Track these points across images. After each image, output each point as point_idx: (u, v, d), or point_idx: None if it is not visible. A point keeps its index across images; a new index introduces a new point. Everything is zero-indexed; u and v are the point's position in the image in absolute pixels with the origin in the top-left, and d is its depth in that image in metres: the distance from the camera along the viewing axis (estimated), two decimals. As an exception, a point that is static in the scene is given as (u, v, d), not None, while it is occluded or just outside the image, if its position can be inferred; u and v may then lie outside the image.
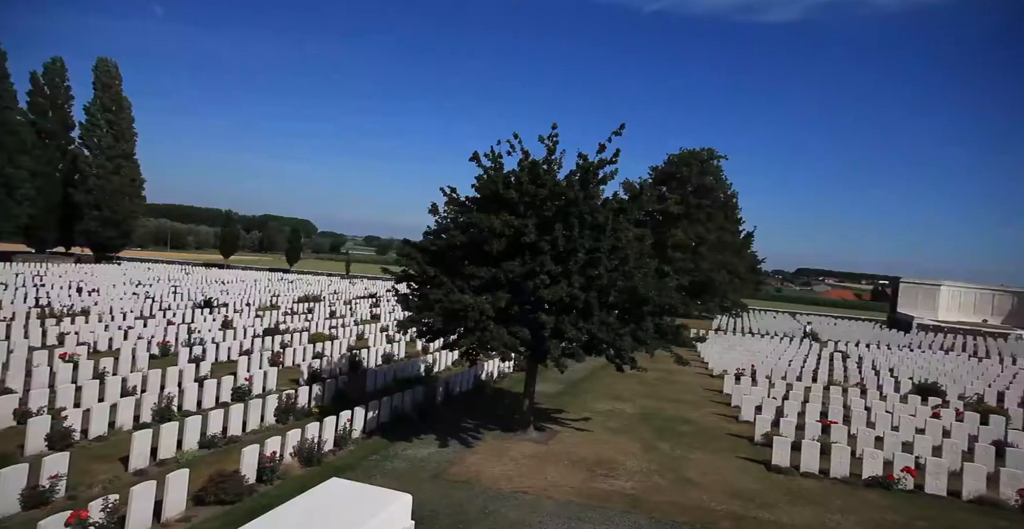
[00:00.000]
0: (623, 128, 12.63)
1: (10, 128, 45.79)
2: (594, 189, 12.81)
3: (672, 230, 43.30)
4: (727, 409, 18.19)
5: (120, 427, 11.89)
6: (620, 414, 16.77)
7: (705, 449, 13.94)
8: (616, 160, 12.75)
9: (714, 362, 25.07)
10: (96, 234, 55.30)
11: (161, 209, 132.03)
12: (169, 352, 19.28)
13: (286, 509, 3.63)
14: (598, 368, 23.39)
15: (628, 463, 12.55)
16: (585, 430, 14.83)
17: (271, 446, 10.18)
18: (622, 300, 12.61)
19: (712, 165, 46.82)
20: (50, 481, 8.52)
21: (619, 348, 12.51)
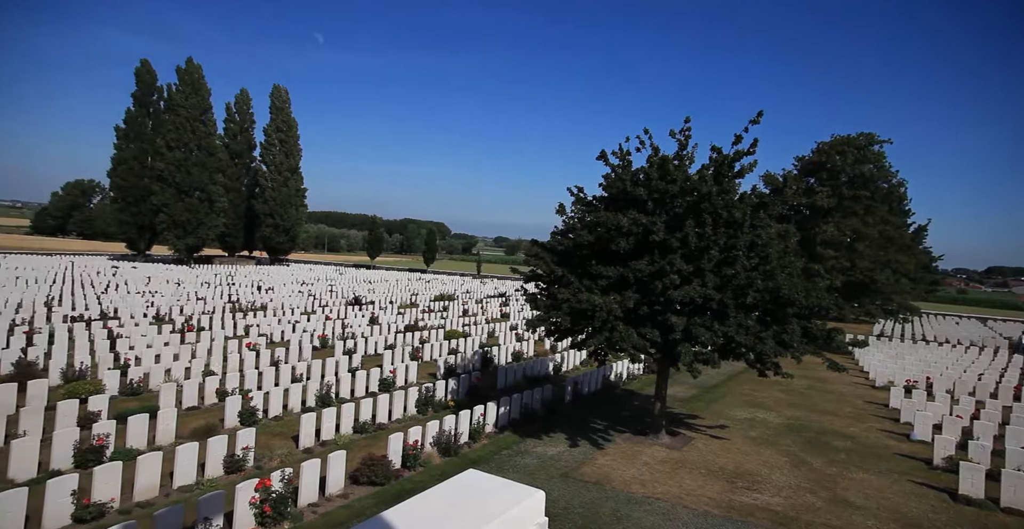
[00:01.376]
0: (761, 116, 11.70)
1: (211, 151, 54.77)
2: (729, 183, 12.03)
3: (822, 225, 39.07)
4: (894, 425, 16.02)
5: (291, 409, 13.60)
6: (763, 423, 15.55)
7: (867, 469, 12.41)
8: (754, 150, 11.85)
9: (876, 371, 22.21)
10: (270, 239, 63.93)
11: (319, 216, 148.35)
12: (327, 344, 21.61)
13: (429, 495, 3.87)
14: (736, 373, 21.91)
15: (774, 477, 11.59)
16: (722, 438, 13.98)
17: (413, 435, 10.98)
18: (763, 301, 11.68)
19: (872, 152, 41.36)
20: (242, 451, 10.02)
21: (760, 352, 11.61)
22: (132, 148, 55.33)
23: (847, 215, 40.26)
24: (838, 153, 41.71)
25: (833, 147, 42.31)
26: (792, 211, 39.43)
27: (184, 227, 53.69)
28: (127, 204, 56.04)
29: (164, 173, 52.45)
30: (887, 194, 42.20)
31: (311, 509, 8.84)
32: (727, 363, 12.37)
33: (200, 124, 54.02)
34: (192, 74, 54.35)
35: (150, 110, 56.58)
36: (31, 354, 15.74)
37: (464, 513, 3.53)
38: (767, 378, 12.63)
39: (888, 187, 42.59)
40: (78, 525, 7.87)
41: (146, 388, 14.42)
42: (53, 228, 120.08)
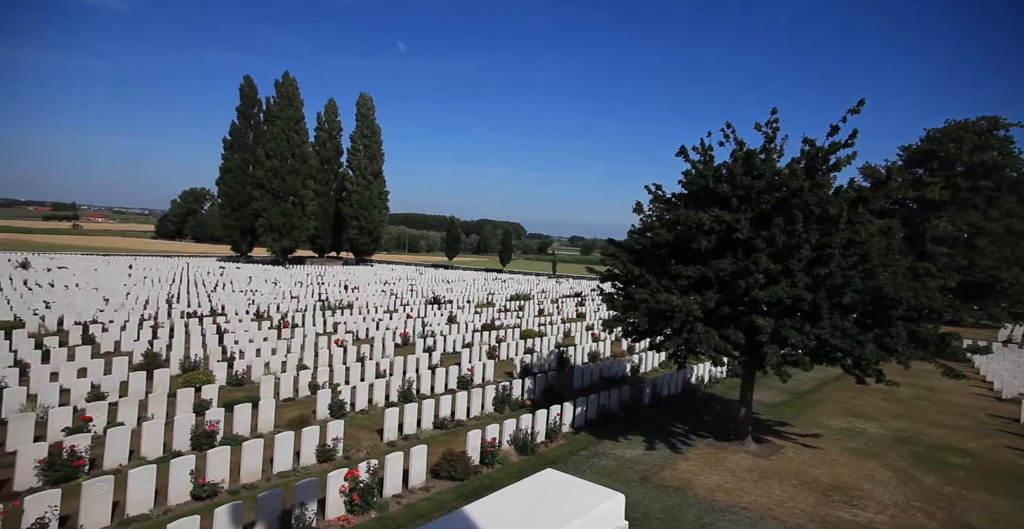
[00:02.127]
0: (862, 104, 10.83)
1: (304, 158, 58.71)
2: (823, 177, 11.25)
3: (933, 220, 35.45)
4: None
5: (376, 403, 14.27)
6: (863, 434, 14.40)
7: (993, 490, 11.16)
8: (853, 142, 11.00)
9: (1003, 381, 19.91)
10: (356, 240, 67.42)
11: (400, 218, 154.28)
12: (408, 342, 22.45)
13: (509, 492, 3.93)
14: (831, 378, 20.44)
15: (877, 493, 10.71)
16: (816, 448, 13.10)
17: (491, 433, 11.17)
18: (861, 302, 10.82)
19: (996, 137, 36.98)
20: (333, 442, 10.65)
21: (859, 357, 10.76)
22: (236, 158, 60.25)
23: (963, 208, 36.28)
24: (952, 140, 37.69)
25: (947, 134, 38.26)
26: (897, 205, 36.11)
27: (280, 230, 57.76)
28: (232, 209, 61.12)
29: (263, 180, 56.73)
30: (1016, 184, 37.60)
31: (395, 500, 9.24)
32: (820, 368, 11.57)
33: (294, 133, 57.93)
34: (288, 87, 58.41)
35: (251, 122, 61.35)
36: (156, 346, 17.57)
37: (544, 512, 3.55)
38: (867, 385, 11.69)
39: (1017, 176, 37.92)
40: (195, 502, 8.70)
41: (249, 379, 15.66)
42: (172, 232, 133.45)
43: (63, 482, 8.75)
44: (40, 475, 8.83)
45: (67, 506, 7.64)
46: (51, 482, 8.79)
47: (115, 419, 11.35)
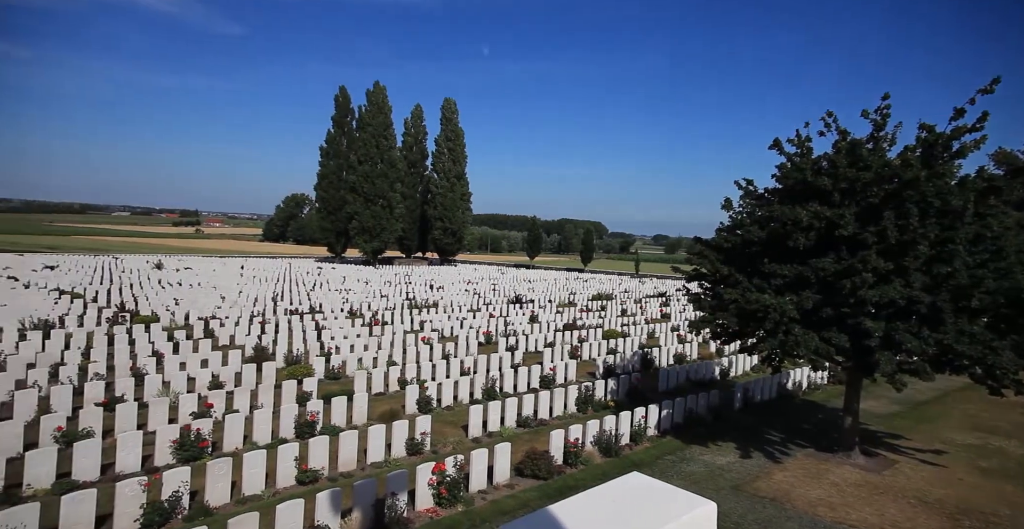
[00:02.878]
0: (996, 83, 9.67)
1: (392, 162, 61.63)
2: (945, 166, 10.15)
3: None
4: None
5: (460, 400, 14.67)
6: (998, 453, 12.84)
7: None
8: (982, 126, 9.85)
9: None
10: (440, 241, 69.64)
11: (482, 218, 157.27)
12: (491, 341, 22.85)
13: (594, 494, 3.89)
14: (955, 389, 18.43)
15: (1020, 521, 9.52)
16: (938, 465, 11.85)
17: (574, 433, 11.13)
18: (994, 304, 9.66)
19: None
20: (421, 436, 11.09)
21: (992, 366, 9.62)
22: (331, 164, 64.25)
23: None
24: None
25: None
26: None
27: (370, 232, 60.88)
28: (328, 213, 65.23)
29: (355, 184, 60.08)
30: None
31: (480, 495, 9.45)
32: (941, 377, 10.45)
33: (383, 139, 60.89)
34: (378, 95, 61.51)
35: (345, 130, 65.15)
36: (264, 341, 19.15)
37: (631, 516, 3.50)
38: (1003, 397, 10.42)
39: None
40: (299, 486, 9.40)
41: (344, 374, 16.65)
42: (277, 235, 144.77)
43: (191, 461, 9.76)
44: (173, 453, 9.92)
45: (195, 483, 8.51)
46: (182, 460, 9.84)
47: (231, 406, 12.50)
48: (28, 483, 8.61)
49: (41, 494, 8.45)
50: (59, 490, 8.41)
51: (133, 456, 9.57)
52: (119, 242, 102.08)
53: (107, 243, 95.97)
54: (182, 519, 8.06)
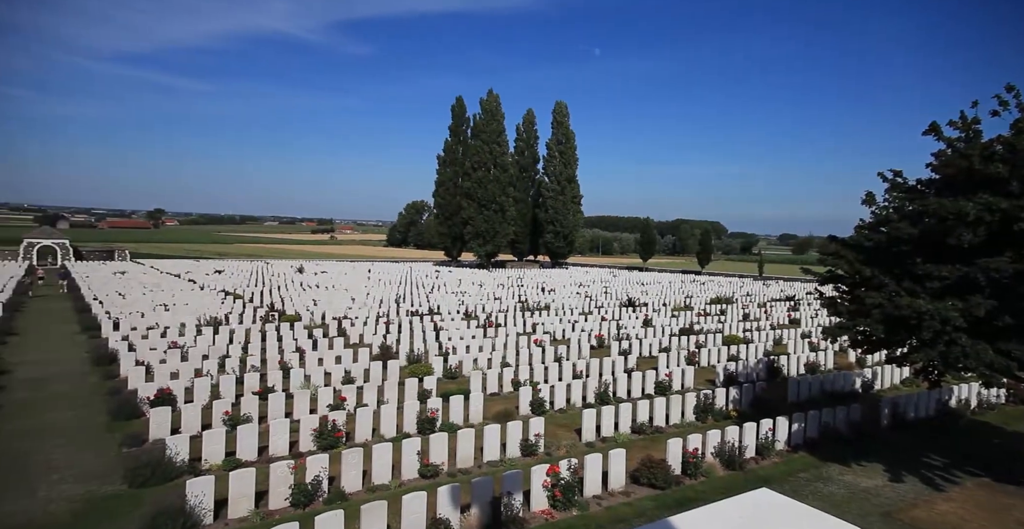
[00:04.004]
0: None
1: (504, 168, 63.42)
2: None
3: None
4: None
5: (573, 403, 14.64)
6: None
7: None
8: None
9: None
10: (551, 244, 70.17)
11: (593, 220, 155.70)
12: (603, 344, 22.55)
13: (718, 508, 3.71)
14: None
15: None
16: None
17: (692, 442, 10.64)
18: None
19: None
20: (535, 438, 11.25)
21: None
22: (448, 172, 67.43)
23: None
24: None
25: None
26: None
27: (484, 236, 62.93)
28: (444, 218, 68.50)
29: (469, 190, 62.49)
30: None
31: (596, 501, 9.36)
32: None
33: (496, 145, 62.77)
34: (491, 103, 63.59)
35: (461, 138, 68.10)
36: (388, 340, 20.57)
37: (758, 537, 3.28)
38: None
39: None
40: (422, 479, 9.96)
41: (460, 373, 17.36)
42: (399, 240, 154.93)
43: (329, 449, 10.75)
44: (314, 441, 10.99)
45: (332, 469, 9.36)
46: (321, 448, 10.87)
47: (361, 400, 13.57)
48: (205, 458, 10.01)
49: (215, 469, 9.78)
50: (228, 466, 9.69)
51: (283, 441, 10.75)
52: (269, 249, 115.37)
53: (260, 250, 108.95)
54: (323, 501, 8.90)
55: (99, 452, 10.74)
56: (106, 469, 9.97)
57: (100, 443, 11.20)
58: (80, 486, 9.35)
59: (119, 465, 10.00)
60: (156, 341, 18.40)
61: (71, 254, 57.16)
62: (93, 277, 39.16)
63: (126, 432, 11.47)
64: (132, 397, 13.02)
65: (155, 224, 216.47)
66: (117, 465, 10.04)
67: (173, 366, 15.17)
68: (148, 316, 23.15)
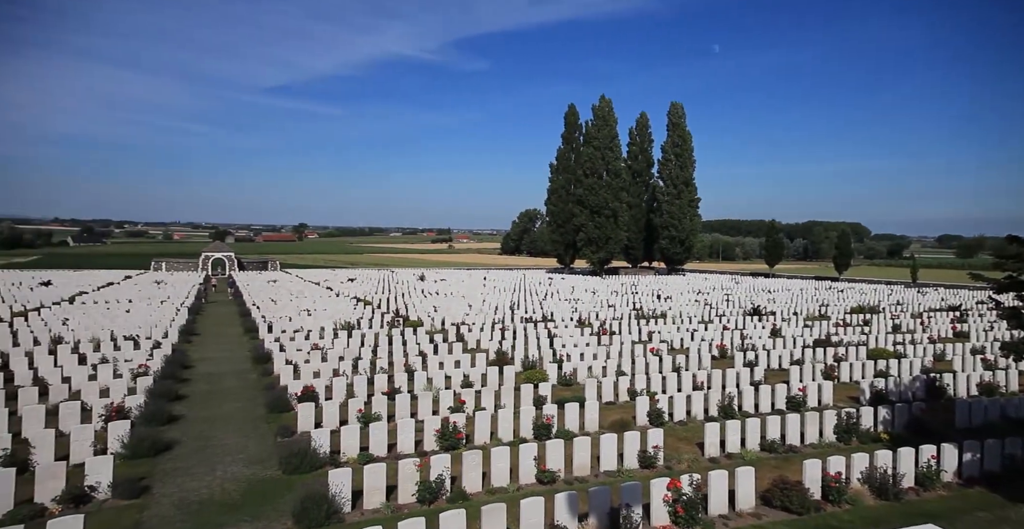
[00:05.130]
0: None
1: (617, 173, 62.65)
2: None
3: None
4: None
5: (694, 416, 13.94)
6: None
7: None
8: None
9: None
10: (667, 250, 67.74)
11: (712, 224, 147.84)
12: (726, 355, 21.22)
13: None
14: None
15: None
16: None
17: (834, 465, 9.63)
18: None
19: None
20: (653, 450, 10.88)
21: None
22: (560, 179, 67.94)
23: None
24: None
25: None
26: None
27: (596, 243, 62.36)
28: (557, 226, 68.96)
29: (582, 197, 62.38)
30: None
31: (722, 521, 8.81)
32: None
33: (608, 150, 62.18)
34: (603, 109, 63.24)
35: (573, 146, 68.38)
36: (504, 346, 21.09)
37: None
38: None
39: None
40: (539, 484, 10.05)
41: (575, 380, 17.28)
42: (513, 248, 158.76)
43: (450, 449, 11.24)
44: (437, 441, 11.56)
45: (453, 469, 9.76)
46: (443, 448, 11.40)
47: (479, 404, 14.03)
48: (343, 451, 10.95)
49: (351, 462, 10.66)
50: (362, 460, 10.51)
51: (409, 439, 11.44)
52: (394, 258, 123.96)
53: (386, 259, 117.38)
54: (445, 499, 9.31)
55: (259, 440, 12.19)
56: (265, 455, 11.28)
57: (259, 432, 12.71)
58: (246, 469, 10.67)
59: (275, 452, 11.27)
60: (301, 343, 20.51)
61: (236, 265, 65.76)
62: (252, 285, 44.65)
63: (279, 423, 12.90)
64: (283, 393, 14.61)
65: (299, 237, 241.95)
66: (273, 452, 11.32)
67: (315, 366, 16.79)
68: (294, 320, 25.89)
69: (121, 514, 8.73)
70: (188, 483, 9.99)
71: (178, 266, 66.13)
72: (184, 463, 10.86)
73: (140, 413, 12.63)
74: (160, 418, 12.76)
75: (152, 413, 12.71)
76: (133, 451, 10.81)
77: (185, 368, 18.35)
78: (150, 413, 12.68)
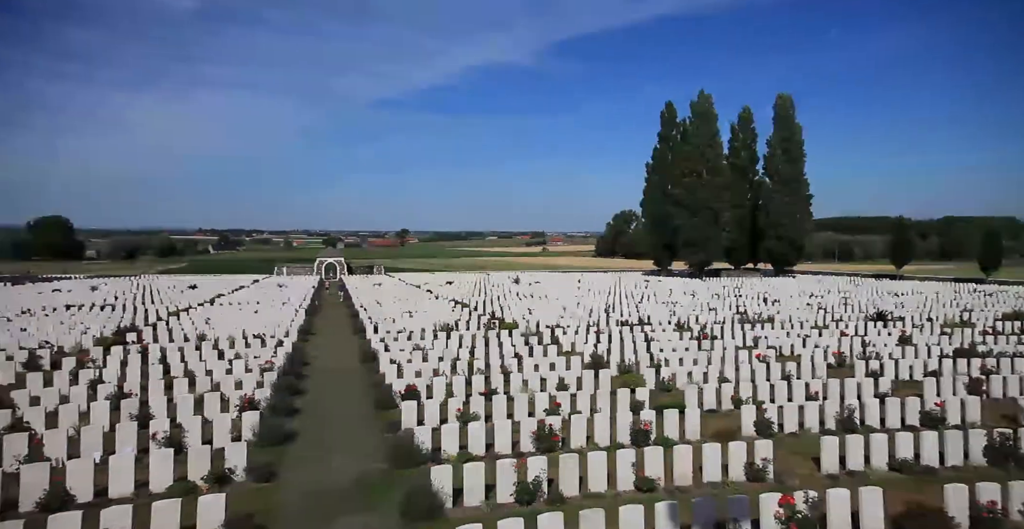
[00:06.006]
0: None
1: (718, 171, 59.86)
2: None
3: None
4: None
5: (808, 428, 12.89)
6: None
7: None
8: None
9: None
10: (774, 250, 63.40)
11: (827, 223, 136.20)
12: (844, 363, 19.43)
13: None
14: None
15: None
16: None
17: (986, 492, 8.47)
18: None
19: None
20: (761, 462, 10.21)
21: None
22: (656, 179, 66.08)
23: None
24: None
25: None
26: None
27: (696, 244, 59.83)
28: (653, 227, 67.08)
29: (679, 197, 60.17)
30: None
31: (842, 544, 8.08)
32: None
33: (708, 148, 59.59)
34: (703, 105, 60.77)
35: (671, 144, 66.28)
36: (599, 349, 20.82)
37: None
38: None
39: None
40: (637, 492, 9.81)
41: (674, 386, 16.65)
42: (607, 250, 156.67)
43: (546, 452, 11.26)
44: (533, 443, 11.66)
45: (549, 472, 9.78)
46: (539, 450, 11.45)
47: (575, 407, 13.96)
48: (444, 449, 11.39)
49: (451, 459, 11.05)
50: (461, 459, 10.86)
51: (506, 440, 11.64)
52: (489, 261, 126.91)
53: (482, 263, 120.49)
54: (543, 502, 9.36)
55: (368, 434, 13.01)
56: (374, 449, 12.01)
57: (369, 427, 13.56)
58: (357, 461, 11.43)
59: (382, 447, 11.96)
60: (403, 343, 21.61)
61: (345, 269, 70.87)
62: (359, 288, 47.78)
63: (386, 419, 13.68)
64: (388, 390, 15.46)
65: (401, 242, 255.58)
66: (380, 446, 12.02)
67: (417, 366, 17.60)
68: (397, 321, 27.34)
69: (255, 496, 9.68)
70: (308, 471, 10.88)
71: (297, 270, 72.48)
72: (305, 453, 11.84)
73: (267, 405, 13.96)
74: (283, 410, 14.00)
75: (277, 405, 14.00)
76: (262, 439, 11.96)
77: (303, 365, 20.01)
78: (275, 405, 13.98)
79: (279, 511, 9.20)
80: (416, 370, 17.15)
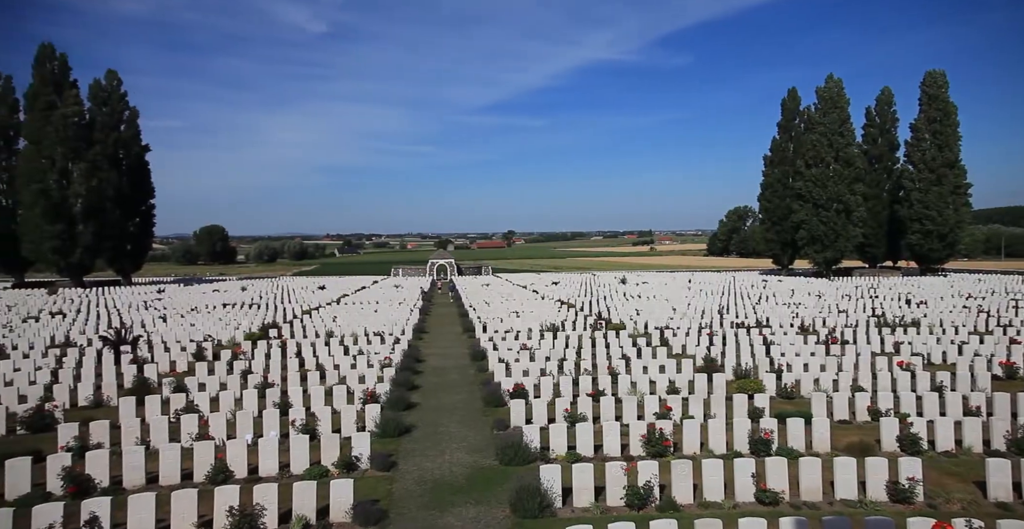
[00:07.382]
0: None
1: (849, 160, 54.32)
2: None
3: None
4: None
5: (967, 447, 11.31)
6: None
7: None
8: None
9: None
10: (919, 246, 56.18)
11: (989, 214, 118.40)
12: (1015, 375, 16.81)
13: None
14: None
15: None
16: None
17: None
18: None
19: None
20: (907, 482, 9.12)
21: None
22: (776, 172, 61.40)
23: None
24: None
25: None
26: None
27: (822, 241, 54.70)
28: (772, 224, 62.34)
29: (803, 191, 55.40)
30: None
31: (1011, 583, 7.00)
32: None
33: (838, 136, 54.26)
34: (830, 90, 55.53)
35: (792, 135, 61.31)
36: (712, 352, 19.81)
37: None
38: None
39: None
40: (758, 504, 9.21)
41: (798, 393, 15.40)
42: (720, 249, 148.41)
43: (657, 456, 10.95)
44: (643, 446, 11.38)
45: (660, 477, 9.50)
46: (649, 454, 11.16)
47: (687, 412, 13.41)
48: (552, 448, 11.49)
49: (559, 459, 11.11)
50: (570, 459, 10.88)
51: (614, 442, 11.48)
52: (595, 261, 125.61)
53: (588, 263, 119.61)
54: (655, 508, 9.12)
55: (478, 430, 13.47)
56: (483, 445, 12.43)
57: (478, 423, 14.04)
58: (468, 456, 11.89)
59: (492, 443, 12.33)
60: (511, 342, 22.06)
61: (455, 270, 73.86)
62: (468, 288, 49.51)
63: (494, 417, 14.08)
64: (497, 388, 15.89)
65: (508, 243, 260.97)
66: (490, 443, 12.40)
67: (524, 365, 17.89)
68: (505, 321, 27.97)
69: (378, 483, 10.44)
70: (424, 463, 11.51)
71: (411, 272, 76.80)
72: (420, 445, 12.54)
73: (386, 399, 14.96)
74: (401, 404, 14.92)
75: (395, 399, 14.96)
76: (383, 431, 12.86)
77: (418, 362, 21.17)
78: (394, 399, 14.94)
79: (398, 498, 9.83)
80: (523, 369, 17.44)
